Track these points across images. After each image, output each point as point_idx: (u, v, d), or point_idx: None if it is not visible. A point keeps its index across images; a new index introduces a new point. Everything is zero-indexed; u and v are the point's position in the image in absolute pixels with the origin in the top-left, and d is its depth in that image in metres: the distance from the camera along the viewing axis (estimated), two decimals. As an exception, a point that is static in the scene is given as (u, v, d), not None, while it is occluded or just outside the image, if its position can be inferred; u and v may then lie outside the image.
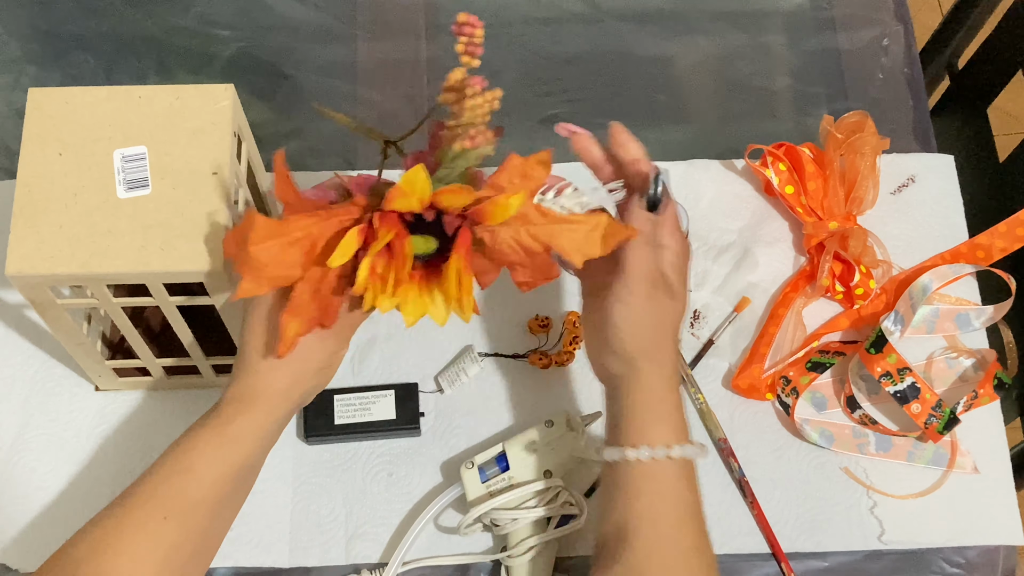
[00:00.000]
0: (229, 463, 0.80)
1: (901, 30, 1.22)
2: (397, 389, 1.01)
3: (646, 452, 0.80)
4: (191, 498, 0.79)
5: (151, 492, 0.79)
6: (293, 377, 0.82)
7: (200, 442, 0.80)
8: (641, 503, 0.81)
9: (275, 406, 0.81)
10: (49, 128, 0.85)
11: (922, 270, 1.05)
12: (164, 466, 0.80)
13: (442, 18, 1.23)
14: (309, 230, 0.75)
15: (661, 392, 0.82)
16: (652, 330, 0.82)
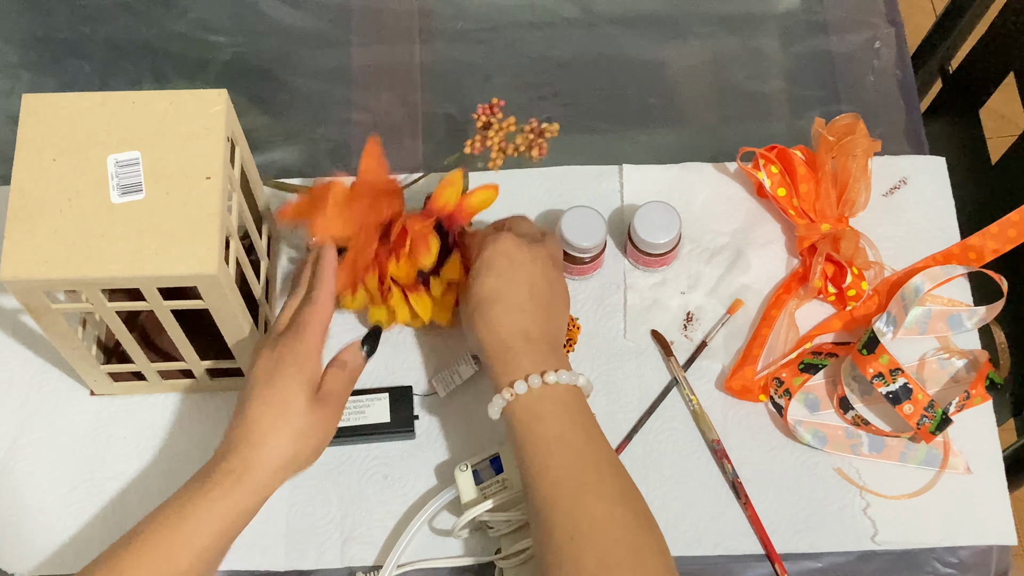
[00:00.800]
0: (220, 536, 0.83)
1: (893, 33, 1.23)
2: (391, 392, 1.01)
3: (521, 386, 0.88)
4: (179, 567, 0.81)
5: (141, 559, 0.81)
6: (293, 452, 0.85)
7: (196, 512, 0.82)
8: (519, 435, 0.88)
9: (273, 482, 0.85)
10: (43, 133, 0.85)
11: (914, 271, 1.06)
12: (156, 532, 0.82)
13: (436, 23, 1.24)
14: (365, 209, 0.94)
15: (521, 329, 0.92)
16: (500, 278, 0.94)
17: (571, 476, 0.85)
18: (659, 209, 1.04)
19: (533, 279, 0.94)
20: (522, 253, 0.94)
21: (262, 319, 1.00)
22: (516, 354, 0.90)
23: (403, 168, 1.14)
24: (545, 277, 0.95)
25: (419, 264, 0.96)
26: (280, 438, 0.85)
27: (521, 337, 0.91)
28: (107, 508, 0.99)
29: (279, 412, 0.85)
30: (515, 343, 0.91)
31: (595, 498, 0.84)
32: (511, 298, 0.93)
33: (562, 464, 0.86)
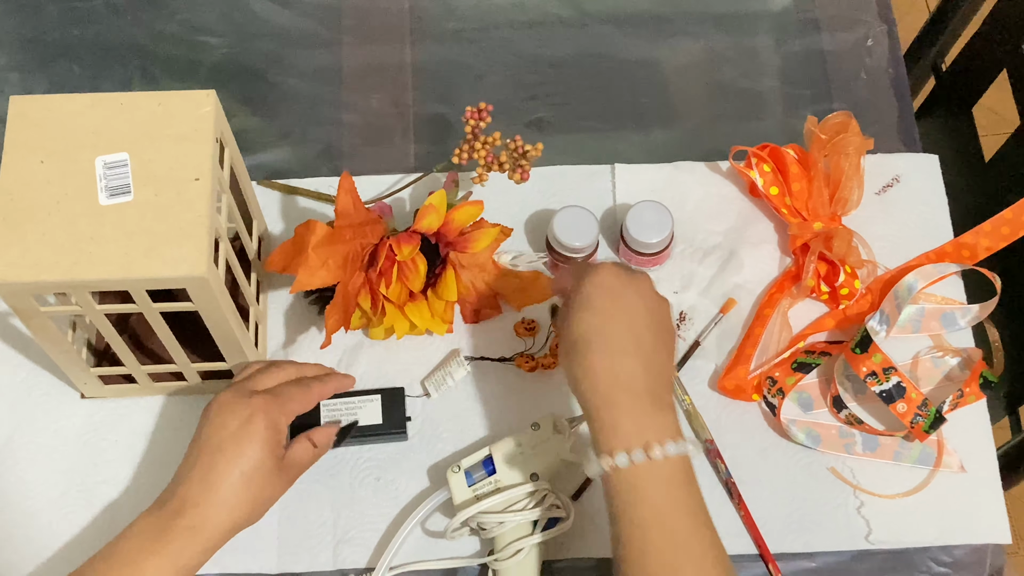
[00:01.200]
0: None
1: (885, 31, 1.23)
2: (384, 394, 1.00)
3: (623, 459, 0.80)
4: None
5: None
6: (250, 514, 0.87)
7: (151, 565, 0.83)
8: (617, 506, 0.81)
9: (224, 540, 0.86)
10: (31, 135, 0.85)
11: (907, 270, 1.06)
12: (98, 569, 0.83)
13: (427, 23, 1.24)
14: (351, 242, 0.94)
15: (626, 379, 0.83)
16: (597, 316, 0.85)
17: (669, 569, 0.79)
18: (651, 208, 1.04)
19: (636, 316, 0.85)
20: (624, 285, 0.86)
21: (252, 321, 1.00)
22: (618, 413, 0.81)
23: (395, 169, 1.13)
24: (650, 313, 0.86)
25: (409, 286, 0.97)
26: (242, 501, 0.86)
27: (623, 389, 0.82)
28: (99, 511, 0.99)
29: (246, 476, 0.86)
30: (617, 397, 0.82)
31: None
32: (612, 340, 0.83)
33: (661, 553, 0.79)
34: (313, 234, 0.92)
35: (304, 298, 1.06)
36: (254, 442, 0.86)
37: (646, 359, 0.84)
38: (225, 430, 0.87)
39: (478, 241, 1.00)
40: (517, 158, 0.99)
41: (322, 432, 0.94)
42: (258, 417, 0.87)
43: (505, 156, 0.99)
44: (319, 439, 0.94)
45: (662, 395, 0.84)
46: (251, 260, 1.02)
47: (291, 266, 0.94)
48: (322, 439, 0.94)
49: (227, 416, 0.87)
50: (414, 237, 0.97)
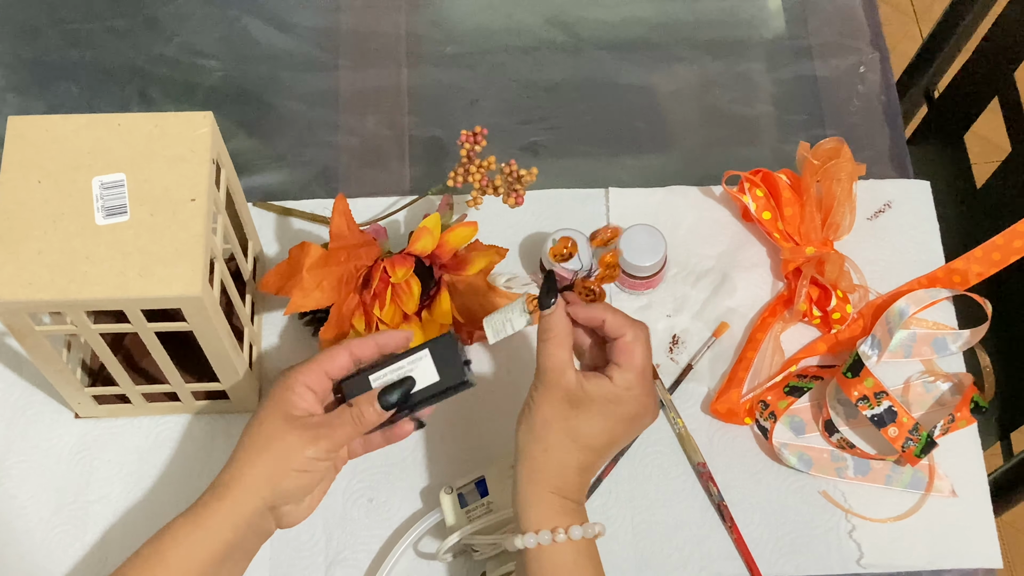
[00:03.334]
0: (200, 549, 0.83)
1: (877, 58, 1.24)
2: (432, 347, 0.88)
3: (531, 539, 0.83)
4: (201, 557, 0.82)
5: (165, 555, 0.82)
6: (266, 471, 0.85)
7: (174, 528, 0.84)
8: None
9: (244, 498, 0.84)
10: (29, 156, 0.85)
11: (899, 295, 1.06)
12: (140, 554, 0.83)
13: (423, 47, 1.25)
14: (345, 264, 0.95)
15: (550, 484, 0.84)
16: (545, 428, 0.85)
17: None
18: (645, 232, 1.05)
19: (628, 438, 0.88)
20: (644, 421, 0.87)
21: (247, 341, 1.00)
22: (566, 508, 0.84)
23: (390, 191, 1.14)
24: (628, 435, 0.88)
25: (403, 308, 0.98)
26: (258, 461, 0.85)
27: (580, 492, 0.86)
28: (91, 531, 0.99)
29: (256, 436, 0.85)
30: (577, 497, 0.85)
31: None
32: (602, 450, 0.86)
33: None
34: (308, 256, 0.93)
35: (299, 319, 1.06)
36: (262, 406, 0.87)
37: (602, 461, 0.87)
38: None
39: (472, 263, 1.00)
40: (512, 182, 0.99)
41: (362, 398, 0.87)
42: (274, 384, 0.87)
43: (500, 180, 0.99)
44: (358, 401, 0.87)
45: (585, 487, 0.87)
46: (246, 281, 1.02)
47: (286, 287, 0.94)
48: (361, 401, 0.87)
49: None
50: (408, 259, 0.97)
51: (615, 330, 0.86)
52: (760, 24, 1.27)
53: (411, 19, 1.26)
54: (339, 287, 0.95)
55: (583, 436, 0.85)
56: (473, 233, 1.00)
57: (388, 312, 0.97)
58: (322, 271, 0.94)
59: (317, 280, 0.93)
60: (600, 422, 0.85)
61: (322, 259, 0.94)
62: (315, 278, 0.93)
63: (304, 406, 0.86)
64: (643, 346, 0.86)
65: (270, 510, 0.86)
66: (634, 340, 0.85)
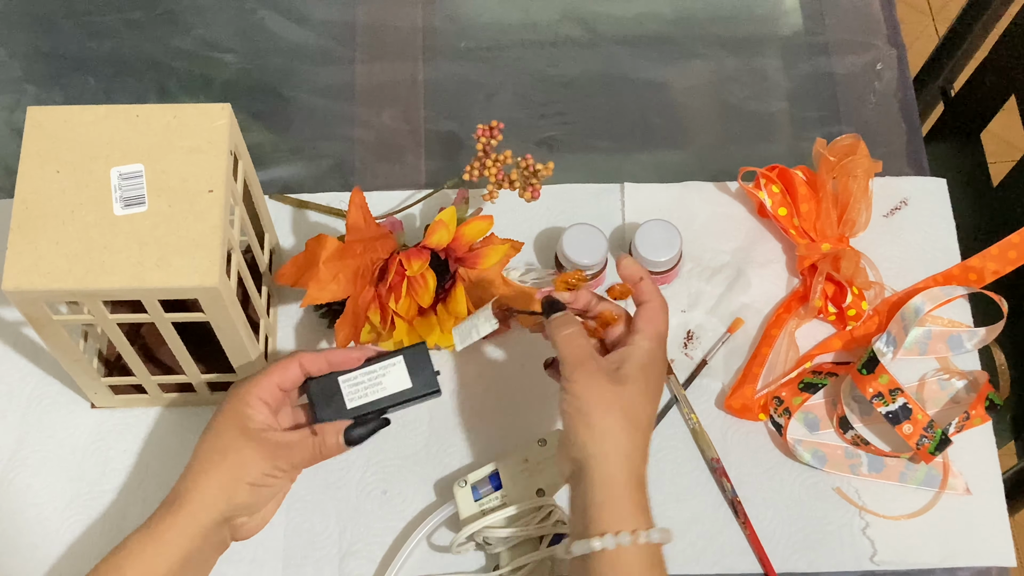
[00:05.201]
0: (158, 563, 0.84)
1: (894, 55, 1.23)
2: (406, 354, 0.91)
3: (611, 540, 0.79)
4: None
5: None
6: (220, 484, 0.86)
7: (131, 542, 0.85)
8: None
9: (200, 510, 0.85)
10: (47, 146, 0.86)
11: (914, 292, 1.06)
12: (98, 570, 0.84)
13: (439, 41, 1.25)
14: (361, 257, 0.95)
15: (622, 479, 0.81)
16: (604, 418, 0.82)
17: None
18: (660, 227, 1.05)
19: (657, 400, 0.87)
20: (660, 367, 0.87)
21: (263, 333, 1.00)
22: (631, 502, 0.81)
23: (406, 184, 1.14)
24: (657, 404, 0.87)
25: (418, 301, 0.98)
26: (213, 474, 0.86)
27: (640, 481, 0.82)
28: (106, 521, 0.99)
29: (211, 449, 0.87)
30: (639, 489, 0.82)
31: None
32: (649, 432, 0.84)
33: None
34: (324, 248, 0.93)
35: (314, 311, 1.07)
36: (216, 418, 0.88)
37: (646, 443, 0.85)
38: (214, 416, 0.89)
39: (487, 257, 1.00)
40: (528, 176, 0.99)
41: (327, 427, 0.89)
42: (227, 398, 0.89)
43: (516, 174, 1.00)
44: (320, 428, 0.88)
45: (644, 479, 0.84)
46: (262, 273, 1.02)
47: (302, 280, 0.95)
48: (327, 428, 0.88)
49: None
50: (424, 252, 0.97)
51: (648, 293, 0.88)
52: (777, 20, 1.27)
53: (427, 13, 1.26)
54: (355, 280, 0.95)
55: (636, 409, 0.83)
56: (489, 227, 1.00)
57: (403, 305, 0.97)
58: (338, 264, 0.94)
59: (333, 273, 0.93)
60: (644, 388, 0.84)
61: (338, 252, 0.94)
62: (331, 271, 0.93)
63: (260, 419, 0.88)
64: (666, 315, 0.88)
65: (225, 522, 0.87)
66: (661, 307, 0.88)
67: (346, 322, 0.95)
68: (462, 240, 1.00)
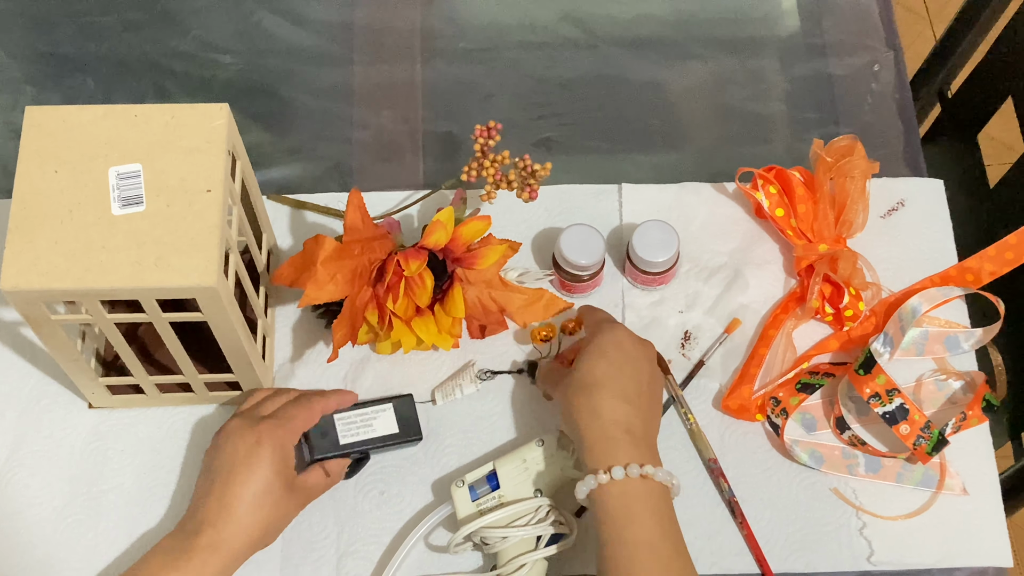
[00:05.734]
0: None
1: (891, 56, 1.24)
2: (395, 402, 1.01)
3: (619, 472, 0.86)
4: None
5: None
6: (262, 531, 0.90)
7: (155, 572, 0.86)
8: (607, 529, 0.86)
9: (244, 557, 0.90)
10: (45, 146, 0.86)
11: (911, 293, 1.06)
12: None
13: (438, 42, 1.25)
14: (359, 257, 0.95)
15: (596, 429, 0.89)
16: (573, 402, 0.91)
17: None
18: (657, 228, 1.05)
19: (641, 375, 0.93)
20: (635, 348, 0.94)
21: (261, 333, 1.00)
22: (615, 443, 0.88)
23: (404, 185, 1.14)
24: (652, 377, 0.94)
25: (416, 301, 0.98)
26: (256, 521, 0.89)
27: (623, 428, 0.89)
28: (104, 521, 0.99)
29: (258, 495, 0.90)
30: (616, 433, 0.89)
31: None
32: (618, 387, 0.91)
33: (648, 572, 0.84)
34: (322, 248, 0.93)
35: (312, 312, 1.07)
36: (263, 466, 0.90)
37: (644, 412, 0.91)
38: (235, 455, 0.90)
39: (485, 257, 1.01)
40: (526, 177, 0.99)
41: (335, 464, 0.98)
42: (265, 441, 0.91)
43: (514, 175, 1.00)
44: (332, 468, 0.97)
45: (653, 444, 0.91)
46: (260, 273, 1.03)
47: (300, 280, 0.95)
48: (335, 469, 0.98)
49: (236, 442, 0.91)
50: (421, 253, 0.98)
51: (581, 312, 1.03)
52: (774, 22, 1.27)
53: (425, 14, 1.26)
54: (353, 280, 0.95)
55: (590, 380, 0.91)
56: (486, 227, 1.00)
57: (401, 305, 0.97)
58: (336, 264, 0.94)
59: (331, 273, 0.94)
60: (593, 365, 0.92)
61: (336, 252, 0.94)
62: (329, 271, 0.93)
63: (293, 466, 0.93)
64: (595, 312, 1.01)
65: None
66: (588, 312, 1.01)
67: (343, 322, 0.95)
68: (460, 240, 1.00)
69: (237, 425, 0.92)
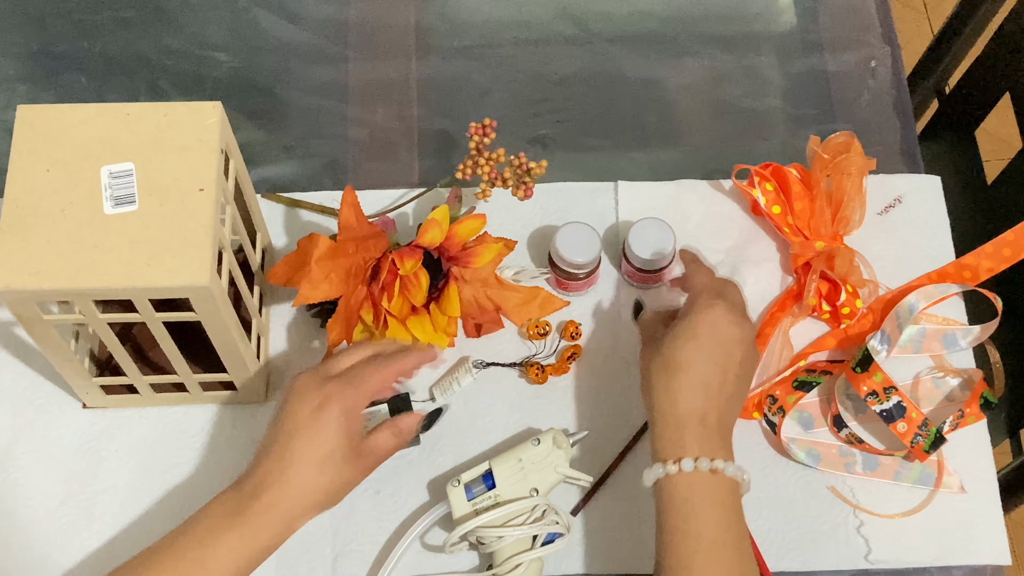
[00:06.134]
0: (242, 560, 0.85)
1: (888, 52, 1.23)
2: (391, 402, 0.98)
3: (688, 464, 0.85)
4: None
5: None
6: (327, 494, 0.88)
7: (225, 543, 0.84)
8: (671, 519, 0.85)
9: (300, 523, 0.87)
10: (38, 144, 0.85)
11: (909, 290, 1.06)
12: (184, 556, 0.84)
13: (432, 39, 1.24)
14: (354, 256, 0.94)
15: (673, 416, 0.88)
16: (653, 375, 0.90)
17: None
18: (654, 226, 1.04)
19: (730, 361, 0.90)
20: (730, 330, 0.90)
21: (255, 333, 1.00)
22: (688, 434, 0.87)
23: (399, 183, 1.14)
24: (743, 361, 0.91)
25: (411, 300, 0.97)
26: (318, 485, 0.87)
27: (697, 419, 0.87)
28: (98, 522, 0.99)
29: (321, 458, 0.87)
30: (690, 423, 0.87)
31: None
32: (702, 375, 0.89)
33: (705, 568, 0.84)
34: (316, 247, 0.93)
35: (307, 311, 1.06)
36: (328, 428, 0.87)
37: (726, 403, 0.89)
38: (299, 415, 0.87)
39: (480, 256, 1.00)
40: (521, 175, 0.99)
41: (406, 420, 0.94)
42: (331, 403, 0.88)
43: (509, 173, 0.99)
44: (403, 425, 0.93)
45: (727, 435, 0.90)
46: (254, 272, 1.02)
47: (294, 279, 0.94)
48: (405, 427, 0.93)
49: (301, 401, 0.88)
50: (416, 251, 0.97)
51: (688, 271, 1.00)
52: (771, 18, 1.27)
53: (420, 11, 1.26)
54: (347, 279, 0.95)
55: (675, 359, 0.89)
56: (482, 225, 1.00)
57: (396, 304, 0.97)
58: (330, 263, 0.93)
59: (325, 272, 0.93)
60: (681, 343, 0.90)
61: (331, 251, 0.93)
62: (323, 270, 0.93)
63: (357, 432, 0.90)
64: (702, 278, 0.97)
65: None
66: (694, 275, 0.97)
67: (338, 321, 0.95)
68: (455, 239, 0.99)
69: (305, 383, 0.89)
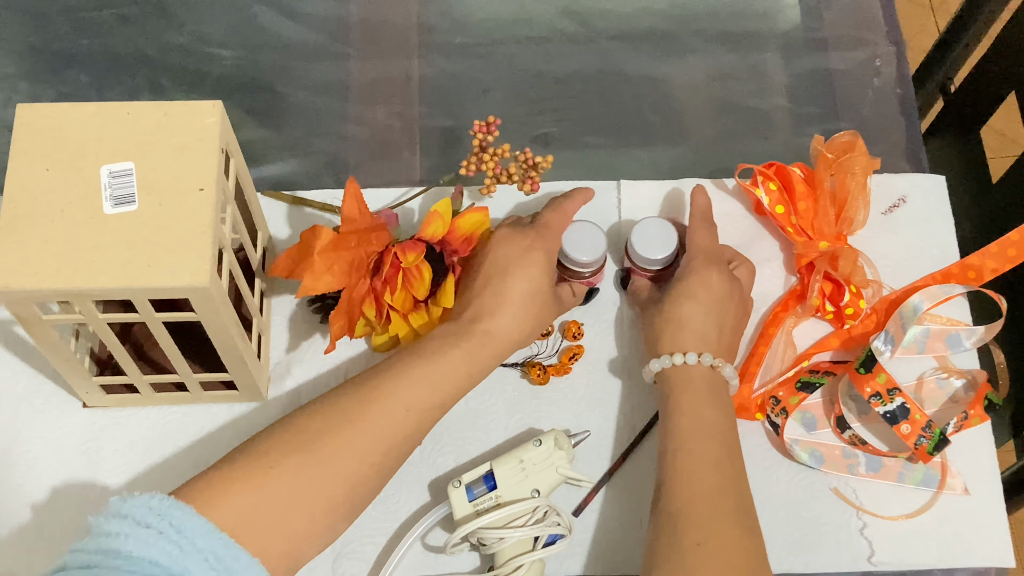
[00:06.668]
0: (464, 381, 0.93)
1: (893, 51, 1.23)
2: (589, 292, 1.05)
3: (679, 358, 0.94)
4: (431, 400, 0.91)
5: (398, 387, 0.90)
6: (532, 328, 0.96)
7: (448, 361, 0.92)
8: (672, 402, 0.93)
9: (509, 352, 0.95)
10: (37, 144, 0.85)
11: (913, 290, 1.05)
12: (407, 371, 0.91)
13: (434, 37, 1.24)
14: (356, 249, 0.95)
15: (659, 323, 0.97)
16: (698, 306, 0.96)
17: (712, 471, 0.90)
18: (656, 224, 1.04)
19: (726, 316, 0.97)
20: (723, 287, 0.97)
21: (255, 332, 1.00)
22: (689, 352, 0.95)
23: (401, 182, 1.13)
24: (737, 313, 0.99)
25: (414, 293, 0.97)
26: (527, 316, 0.95)
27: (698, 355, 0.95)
28: (97, 521, 0.99)
29: (532, 293, 0.95)
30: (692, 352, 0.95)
31: (731, 524, 0.87)
32: (700, 330, 0.96)
33: (707, 449, 0.91)
34: (319, 239, 0.92)
35: (308, 306, 1.06)
36: (536, 266, 0.96)
37: (724, 350, 0.97)
38: (509, 257, 0.96)
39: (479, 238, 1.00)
40: (527, 170, 0.99)
41: (578, 286, 1.04)
42: (537, 246, 0.97)
43: (514, 168, 0.99)
44: (577, 290, 1.04)
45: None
46: (255, 271, 1.02)
47: (296, 271, 0.94)
48: (578, 291, 1.04)
49: (510, 245, 0.97)
50: (419, 245, 0.97)
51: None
52: (775, 16, 1.26)
53: (422, 9, 1.25)
54: (350, 272, 0.95)
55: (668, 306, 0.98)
56: (484, 219, 1.00)
57: (399, 298, 0.96)
58: (333, 255, 0.93)
59: (328, 264, 0.93)
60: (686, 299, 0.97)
61: (333, 243, 0.93)
62: (326, 262, 0.93)
63: (554, 276, 1.00)
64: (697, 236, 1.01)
65: None
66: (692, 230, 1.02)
67: (340, 313, 0.94)
68: (458, 232, 0.99)
69: (508, 232, 0.98)
